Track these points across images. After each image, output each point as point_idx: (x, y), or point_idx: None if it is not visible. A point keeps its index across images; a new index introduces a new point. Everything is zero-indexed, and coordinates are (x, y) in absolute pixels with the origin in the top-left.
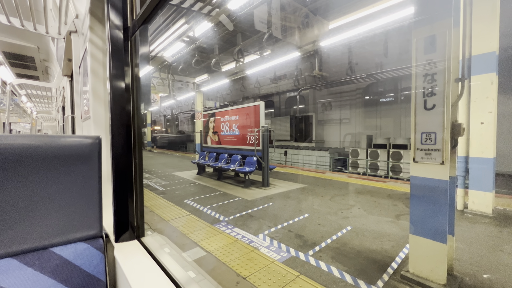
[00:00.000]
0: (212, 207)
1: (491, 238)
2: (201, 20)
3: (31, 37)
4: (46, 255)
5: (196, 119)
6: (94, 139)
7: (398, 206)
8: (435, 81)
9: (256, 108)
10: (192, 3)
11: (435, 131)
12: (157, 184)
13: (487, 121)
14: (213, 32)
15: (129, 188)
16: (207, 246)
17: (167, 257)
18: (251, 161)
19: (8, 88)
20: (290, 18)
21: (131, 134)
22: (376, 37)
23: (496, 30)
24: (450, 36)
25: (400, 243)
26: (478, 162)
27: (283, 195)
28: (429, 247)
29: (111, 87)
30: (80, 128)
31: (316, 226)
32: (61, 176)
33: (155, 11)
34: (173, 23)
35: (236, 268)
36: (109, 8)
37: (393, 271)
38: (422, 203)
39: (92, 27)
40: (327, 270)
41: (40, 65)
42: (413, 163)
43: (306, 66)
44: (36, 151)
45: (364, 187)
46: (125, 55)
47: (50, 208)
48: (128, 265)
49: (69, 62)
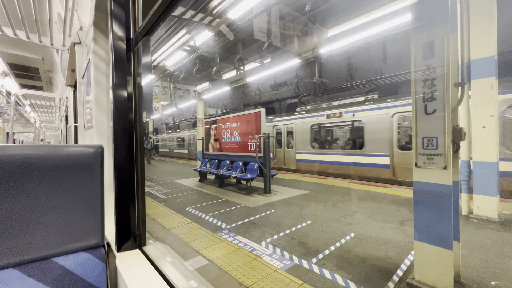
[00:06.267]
0: (214, 214)
1: (498, 244)
2: (202, 30)
3: (36, 48)
4: (47, 265)
5: (198, 127)
6: (96, 149)
7: (402, 212)
8: (434, 86)
9: (257, 115)
10: (193, 14)
11: (436, 135)
12: (158, 192)
13: (488, 125)
14: (214, 41)
15: (131, 197)
16: (209, 254)
17: (169, 266)
18: (252, 168)
19: (12, 98)
20: (289, 27)
21: (133, 143)
22: (375, 43)
23: (494, 35)
24: (448, 41)
25: (405, 249)
26: (481, 167)
27: (285, 202)
28: (434, 253)
29: (113, 96)
30: (83, 137)
31: (319, 233)
32: (63, 186)
33: (157, 23)
34: (174, 34)
35: (238, 277)
36: (113, 20)
37: (398, 279)
38: (426, 208)
39: (95, 38)
40: (331, 278)
41: (44, 75)
42: (416, 168)
43: (306, 73)
44: (39, 161)
45: (366, 192)
46: (128, 66)
47: (52, 217)
48: (130, 275)
49: (73, 73)
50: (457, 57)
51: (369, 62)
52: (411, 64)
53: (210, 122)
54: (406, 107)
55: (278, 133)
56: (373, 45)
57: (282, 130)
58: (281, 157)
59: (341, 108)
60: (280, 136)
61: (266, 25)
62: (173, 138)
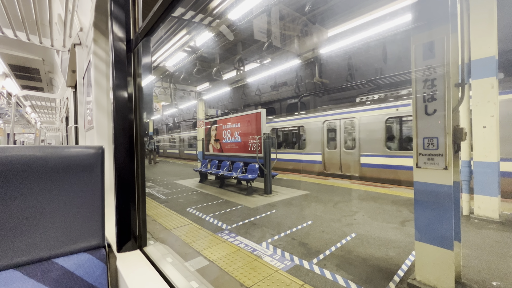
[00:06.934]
0: (214, 215)
1: (499, 244)
2: (202, 30)
3: (36, 49)
4: (48, 266)
5: (198, 127)
6: (97, 149)
7: (402, 212)
8: (435, 86)
9: (258, 115)
10: (193, 15)
11: (437, 136)
12: (159, 193)
13: (489, 125)
14: (214, 42)
15: (131, 198)
16: (209, 255)
17: (169, 267)
18: (253, 168)
19: (13, 99)
20: (289, 27)
21: (133, 144)
22: (375, 43)
23: (494, 35)
24: (448, 41)
25: (406, 250)
26: (482, 167)
27: (285, 202)
28: (435, 254)
29: (114, 97)
30: (84, 138)
31: (319, 234)
32: (64, 187)
33: (157, 24)
34: (174, 34)
35: (239, 277)
36: (113, 21)
37: (399, 279)
38: (426, 209)
39: (96, 39)
40: (332, 279)
41: (45, 76)
42: (416, 168)
43: (306, 73)
44: (39, 162)
45: (367, 193)
46: (128, 66)
47: (53, 218)
48: (131, 275)
49: (73, 74)
50: (458, 57)
51: (369, 62)
52: (411, 64)
53: (211, 123)
54: (333, 116)
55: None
56: (374, 45)
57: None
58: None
59: None
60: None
61: (266, 26)
62: (166, 139)
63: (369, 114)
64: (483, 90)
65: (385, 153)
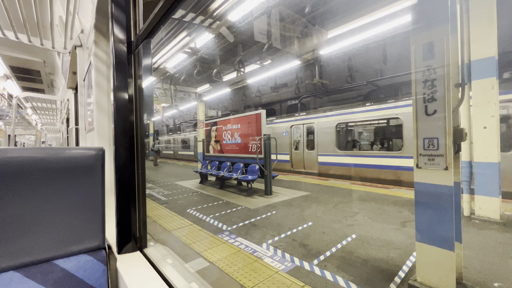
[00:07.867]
0: (214, 216)
1: (500, 244)
2: (203, 32)
3: (37, 51)
4: (48, 268)
5: (198, 128)
6: (97, 151)
7: (403, 213)
8: (435, 87)
9: (258, 116)
10: (194, 16)
11: (437, 136)
12: (159, 194)
13: (489, 126)
14: (214, 43)
15: (132, 199)
16: (210, 256)
17: (169, 268)
18: (253, 169)
19: (14, 101)
20: (289, 29)
21: (134, 145)
22: (375, 44)
23: (494, 35)
24: (448, 42)
25: (407, 251)
26: (483, 167)
27: (286, 203)
28: (436, 255)
29: (114, 99)
30: (84, 139)
31: (320, 235)
32: (65, 188)
33: (157, 26)
34: (175, 36)
35: (239, 279)
36: (114, 23)
37: (400, 280)
38: (427, 209)
39: (96, 41)
40: (333, 280)
41: (46, 78)
42: (417, 169)
43: (307, 74)
44: (40, 163)
45: (367, 194)
46: (129, 68)
47: (54, 220)
48: (131, 277)
49: (74, 75)
50: (457, 57)
51: (370, 64)
52: (411, 65)
53: (211, 124)
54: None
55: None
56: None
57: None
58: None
59: None
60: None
61: (266, 27)
62: (163, 141)
63: (324, 120)
64: (483, 91)
65: (335, 153)
